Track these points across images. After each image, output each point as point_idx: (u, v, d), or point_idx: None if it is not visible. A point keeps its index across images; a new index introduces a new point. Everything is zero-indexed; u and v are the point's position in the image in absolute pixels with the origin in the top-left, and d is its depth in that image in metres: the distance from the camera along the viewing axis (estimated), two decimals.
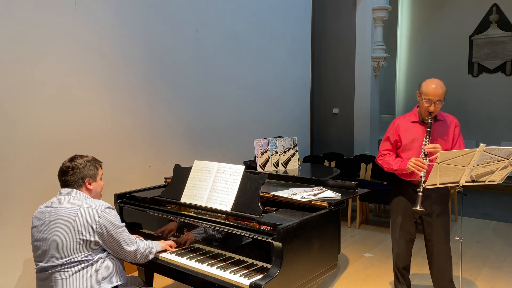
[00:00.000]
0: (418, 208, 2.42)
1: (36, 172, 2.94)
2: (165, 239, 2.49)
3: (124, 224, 2.09)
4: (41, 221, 2.01)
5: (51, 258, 1.95)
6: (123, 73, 3.62)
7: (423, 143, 2.57)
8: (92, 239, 1.95)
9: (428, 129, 2.59)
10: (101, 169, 2.23)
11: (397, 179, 2.80)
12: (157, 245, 2.32)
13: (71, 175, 2.08)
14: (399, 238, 2.83)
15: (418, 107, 2.76)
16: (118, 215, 2.09)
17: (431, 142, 2.59)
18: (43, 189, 2.92)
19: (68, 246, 1.93)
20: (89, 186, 2.12)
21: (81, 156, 2.17)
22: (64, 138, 3.14)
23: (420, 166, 2.47)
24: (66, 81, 3.16)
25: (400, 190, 2.79)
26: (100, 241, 1.99)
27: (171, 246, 2.38)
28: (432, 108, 2.59)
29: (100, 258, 2.00)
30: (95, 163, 2.18)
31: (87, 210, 1.97)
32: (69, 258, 1.93)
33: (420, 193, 2.43)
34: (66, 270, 1.92)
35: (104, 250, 2.04)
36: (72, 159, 2.13)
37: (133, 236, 2.15)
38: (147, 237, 2.56)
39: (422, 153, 2.53)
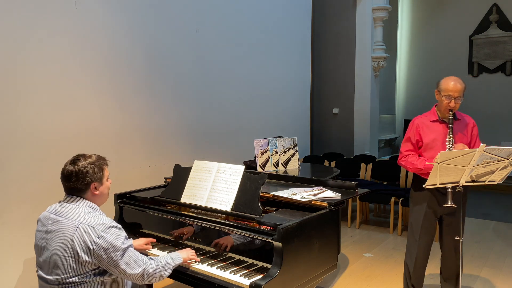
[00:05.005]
0: (449, 204, 2.40)
1: (36, 172, 2.94)
2: (183, 246, 2.35)
3: (128, 243, 1.85)
4: (44, 227, 1.89)
5: (50, 273, 1.83)
6: (123, 73, 3.62)
7: (447, 139, 2.57)
8: (88, 259, 1.78)
9: (450, 125, 2.59)
10: (107, 167, 2.01)
11: (419, 180, 2.73)
12: (179, 257, 2.08)
13: (75, 181, 1.87)
14: (420, 239, 2.79)
15: (436, 106, 2.76)
16: (122, 234, 1.85)
17: None
18: (43, 189, 2.92)
19: (65, 264, 1.79)
20: (95, 191, 1.92)
21: (84, 157, 1.92)
22: (64, 138, 3.14)
23: None
24: (66, 81, 3.16)
25: (422, 190, 2.68)
26: (98, 263, 1.81)
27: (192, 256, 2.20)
28: (452, 104, 2.59)
29: (102, 277, 1.84)
30: (100, 163, 1.95)
31: (86, 228, 1.78)
32: (67, 276, 1.79)
33: (449, 190, 2.42)
34: (66, 287, 1.82)
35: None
36: (74, 162, 1.89)
37: (141, 256, 1.89)
38: (147, 237, 2.55)
39: (447, 150, 2.50)
